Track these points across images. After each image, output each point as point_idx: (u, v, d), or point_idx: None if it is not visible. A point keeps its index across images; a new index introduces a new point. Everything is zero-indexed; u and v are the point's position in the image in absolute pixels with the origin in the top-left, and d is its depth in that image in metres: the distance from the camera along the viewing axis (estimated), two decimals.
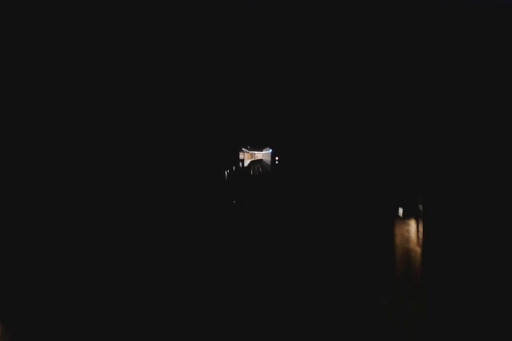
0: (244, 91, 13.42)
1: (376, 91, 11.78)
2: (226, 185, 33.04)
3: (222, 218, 19.85)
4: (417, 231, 10.16)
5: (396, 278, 11.11)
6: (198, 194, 20.05)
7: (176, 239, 14.66)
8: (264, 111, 15.62)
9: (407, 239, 10.71)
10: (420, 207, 10.27)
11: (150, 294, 11.67)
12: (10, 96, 9.08)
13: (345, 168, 15.31)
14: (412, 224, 10.53)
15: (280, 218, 20.82)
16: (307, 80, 12.18)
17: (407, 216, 10.82)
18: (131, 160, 13.50)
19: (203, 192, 21.16)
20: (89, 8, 9.53)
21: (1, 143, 9.26)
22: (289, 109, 14.97)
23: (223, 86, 12.95)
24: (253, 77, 12.36)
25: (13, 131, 8.96)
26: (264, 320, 10.31)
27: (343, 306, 10.22)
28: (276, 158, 51.61)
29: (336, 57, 11.16)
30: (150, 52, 10.99)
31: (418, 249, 10.07)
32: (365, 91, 11.97)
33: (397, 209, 11.11)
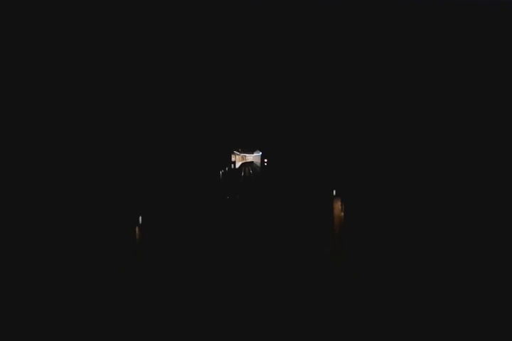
0: (238, 98, 14.32)
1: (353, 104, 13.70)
2: (220, 183, 37.34)
3: (217, 211, 23.53)
4: (342, 203, 15.70)
5: (334, 234, 16.50)
6: (197, 191, 24.66)
7: (177, 230, 18.34)
8: (255, 117, 17.44)
9: (340, 209, 16.21)
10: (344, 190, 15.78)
11: (149, 282, 11.38)
12: (10, 96, 8.61)
13: (310, 167, 20.90)
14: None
15: (264, 205, 25.62)
16: (296, 92, 13.29)
17: (338, 195, 16.39)
18: (137, 162, 15.24)
19: (201, 189, 25.86)
20: (89, 9, 9.27)
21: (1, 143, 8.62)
22: (279, 116, 17.23)
23: (218, 93, 13.59)
24: (247, 85, 12.99)
25: (13, 131, 8.47)
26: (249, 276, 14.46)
27: (301, 254, 15.18)
28: (265, 160, 56.11)
29: (321, 68, 11.60)
30: (144, 62, 10.85)
31: (342, 214, 15.56)
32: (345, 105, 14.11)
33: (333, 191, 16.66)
